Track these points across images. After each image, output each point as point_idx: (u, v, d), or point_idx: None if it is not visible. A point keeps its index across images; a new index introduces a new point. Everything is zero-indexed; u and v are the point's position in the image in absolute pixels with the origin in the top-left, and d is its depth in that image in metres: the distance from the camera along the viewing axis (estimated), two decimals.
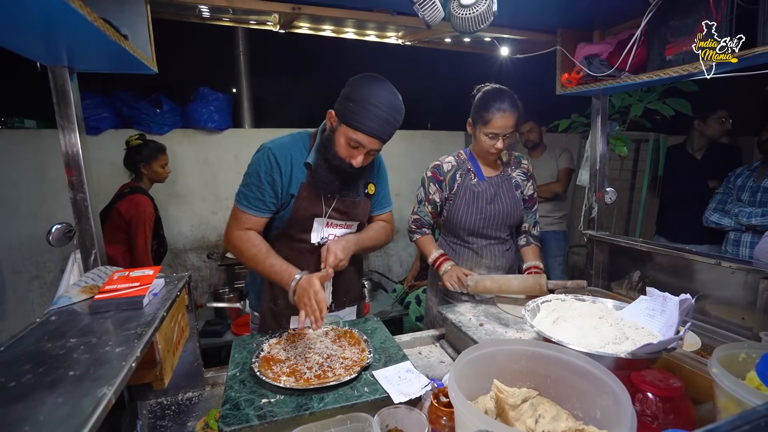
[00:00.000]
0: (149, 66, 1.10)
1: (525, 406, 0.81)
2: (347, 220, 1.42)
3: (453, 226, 1.71)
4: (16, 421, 0.53)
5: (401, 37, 2.04)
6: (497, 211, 1.64)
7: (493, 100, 1.49)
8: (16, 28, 0.76)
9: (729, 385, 0.76)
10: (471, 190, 1.64)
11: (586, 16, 1.59)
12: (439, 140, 4.12)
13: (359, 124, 1.16)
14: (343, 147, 1.22)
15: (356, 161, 1.23)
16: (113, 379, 0.63)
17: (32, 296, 2.89)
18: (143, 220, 2.30)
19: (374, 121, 1.15)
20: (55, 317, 0.90)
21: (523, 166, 1.72)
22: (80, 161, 1.07)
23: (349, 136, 1.18)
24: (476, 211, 1.64)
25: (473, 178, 1.66)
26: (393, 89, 1.20)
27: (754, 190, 2.24)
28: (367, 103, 1.14)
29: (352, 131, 1.17)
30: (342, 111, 1.19)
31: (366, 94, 1.15)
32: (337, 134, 1.23)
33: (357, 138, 1.18)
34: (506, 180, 1.67)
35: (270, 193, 1.29)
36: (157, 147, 2.49)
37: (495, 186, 1.64)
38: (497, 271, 1.70)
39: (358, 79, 1.20)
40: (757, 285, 1.23)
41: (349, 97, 1.18)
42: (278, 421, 0.88)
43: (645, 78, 1.33)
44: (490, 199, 1.63)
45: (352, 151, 1.22)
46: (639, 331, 1.00)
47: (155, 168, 2.46)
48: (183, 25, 1.82)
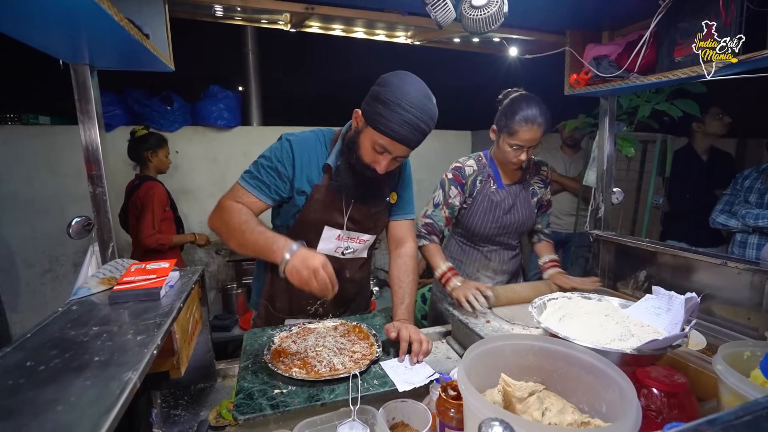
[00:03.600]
0: (167, 64, 1.13)
1: (532, 400, 0.83)
2: (363, 231, 1.33)
3: (466, 230, 1.68)
4: (49, 401, 0.56)
5: (410, 36, 2.06)
6: (512, 221, 1.62)
7: (522, 110, 1.41)
8: (44, 27, 0.79)
9: (733, 381, 0.78)
10: (489, 198, 1.59)
11: (595, 17, 1.60)
12: (445, 140, 4.13)
13: (387, 129, 1.06)
14: (368, 151, 1.14)
15: (380, 167, 1.14)
16: (137, 365, 0.65)
17: (45, 289, 2.95)
18: (153, 200, 2.43)
19: (404, 127, 1.05)
20: (77, 307, 0.93)
21: (543, 172, 1.68)
22: (99, 156, 1.11)
23: (376, 140, 1.09)
24: (492, 219, 1.60)
25: (492, 184, 1.60)
26: (427, 91, 1.10)
27: (762, 191, 2.24)
28: (398, 106, 1.04)
29: (379, 135, 1.08)
30: (370, 112, 1.09)
31: (397, 96, 1.05)
32: (362, 136, 1.14)
33: (383, 143, 1.09)
34: (524, 189, 1.64)
35: (276, 178, 1.21)
36: (161, 137, 2.62)
37: (513, 196, 1.61)
38: (503, 275, 1.72)
39: (390, 78, 1.09)
40: (763, 286, 1.24)
41: (379, 97, 1.07)
42: (290, 410, 0.91)
43: (654, 79, 1.34)
44: (507, 209, 1.60)
45: (376, 155, 1.13)
46: (644, 329, 1.02)
47: (161, 156, 2.60)
48: (192, 24, 1.84)
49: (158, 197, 2.46)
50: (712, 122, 2.68)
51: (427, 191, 4.19)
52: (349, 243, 1.32)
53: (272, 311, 1.43)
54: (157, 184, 2.52)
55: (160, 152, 2.58)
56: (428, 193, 4.73)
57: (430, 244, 1.63)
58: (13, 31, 0.81)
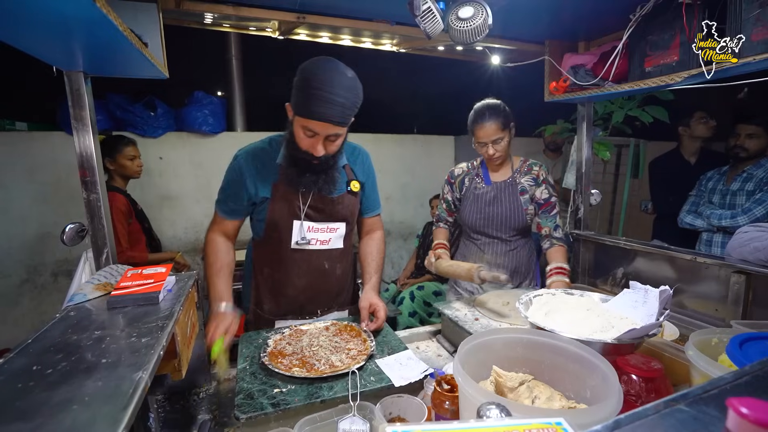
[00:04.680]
0: (162, 71, 1.15)
1: (522, 389, 0.89)
2: (328, 220, 1.39)
3: (462, 224, 1.90)
4: (63, 401, 0.57)
5: (396, 44, 2.12)
6: (496, 213, 1.75)
7: (475, 114, 1.66)
8: (45, 35, 0.80)
9: (703, 365, 0.85)
10: (474, 193, 1.80)
11: (572, 28, 1.70)
12: (428, 144, 4.21)
13: (306, 111, 1.12)
14: (302, 138, 1.19)
15: (316, 150, 1.19)
16: (147, 365, 0.67)
17: (24, 300, 2.85)
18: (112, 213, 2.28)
19: (321, 106, 1.10)
20: (74, 313, 0.93)
21: (534, 172, 1.76)
22: (94, 162, 1.11)
23: (304, 125, 1.16)
24: (477, 210, 1.79)
25: (480, 182, 1.81)
26: (340, 68, 1.14)
27: (724, 193, 2.36)
28: (310, 88, 1.10)
29: (304, 120, 1.14)
30: (293, 102, 1.17)
31: (308, 79, 1.11)
32: (295, 127, 1.20)
33: (309, 126, 1.14)
34: (511, 185, 1.75)
35: (238, 199, 1.35)
36: (120, 140, 2.40)
37: (497, 190, 1.76)
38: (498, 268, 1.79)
39: (305, 65, 1.15)
40: (728, 279, 1.34)
41: (297, 84, 1.14)
42: (291, 408, 0.94)
43: (627, 87, 1.44)
44: (490, 201, 1.76)
45: (309, 140, 1.18)
46: (623, 321, 1.09)
47: (121, 162, 2.36)
48: (175, 29, 1.83)
49: (116, 210, 2.22)
50: (698, 126, 2.75)
51: (412, 194, 4.29)
52: (318, 234, 1.40)
53: (261, 314, 1.47)
54: (115, 195, 2.28)
55: (119, 158, 2.35)
56: (413, 196, 4.79)
57: (437, 228, 1.95)
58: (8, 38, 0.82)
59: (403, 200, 4.17)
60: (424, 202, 4.12)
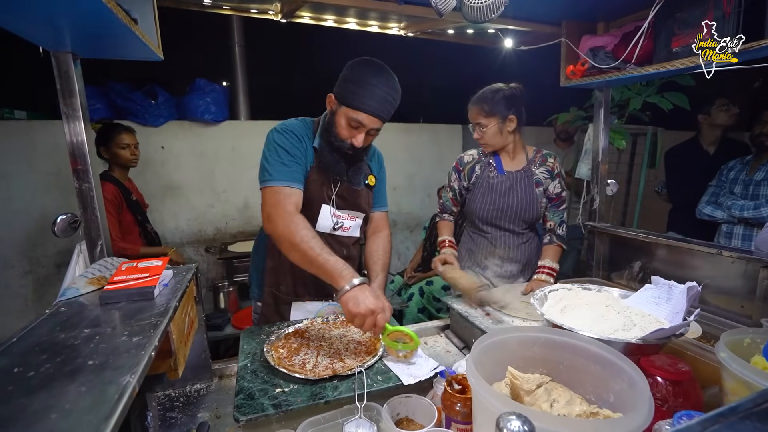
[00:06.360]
0: (156, 52, 1.08)
1: (539, 392, 0.82)
2: (352, 209, 1.42)
3: (470, 214, 1.79)
4: (42, 409, 0.53)
5: (404, 28, 2.03)
6: (511, 204, 1.66)
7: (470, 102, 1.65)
8: (23, 8, 0.74)
9: (737, 368, 0.78)
10: (488, 182, 1.70)
11: (590, 8, 1.60)
12: (436, 134, 4.12)
13: (359, 103, 1.19)
14: (344, 128, 1.24)
15: (357, 141, 1.25)
16: (135, 368, 0.62)
17: (25, 291, 2.83)
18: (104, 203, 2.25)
19: (373, 100, 1.19)
20: (65, 308, 0.89)
21: (549, 164, 1.70)
22: (85, 150, 1.05)
23: (350, 116, 1.21)
24: (490, 201, 1.69)
25: (492, 170, 1.71)
26: (390, 71, 1.24)
27: (746, 183, 2.28)
28: (366, 83, 1.18)
29: (353, 111, 1.20)
30: (341, 93, 1.22)
31: (365, 74, 1.19)
32: (337, 116, 1.25)
33: (357, 117, 1.20)
34: (526, 176, 1.68)
35: (300, 165, 1.29)
36: (114, 127, 2.33)
37: (512, 180, 1.67)
38: (511, 263, 1.73)
39: (356, 62, 1.24)
40: (757, 274, 1.26)
41: (348, 78, 1.21)
42: (293, 410, 0.89)
43: (651, 70, 1.34)
44: (505, 191, 1.67)
45: (352, 131, 1.24)
46: (646, 318, 1.02)
47: (114, 150, 2.30)
48: (175, 14, 1.76)
49: (107, 199, 2.14)
50: (719, 113, 2.59)
51: (419, 184, 4.21)
52: (343, 220, 1.41)
53: (278, 295, 1.46)
54: (106, 184, 2.20)
55: (112, 146, 2.28)
56: (420, 186, 4.71)
57: (442, 221, 1.85)
58: None
59: (410, 190, 4.09)
60: (431, 192, 4.04)
